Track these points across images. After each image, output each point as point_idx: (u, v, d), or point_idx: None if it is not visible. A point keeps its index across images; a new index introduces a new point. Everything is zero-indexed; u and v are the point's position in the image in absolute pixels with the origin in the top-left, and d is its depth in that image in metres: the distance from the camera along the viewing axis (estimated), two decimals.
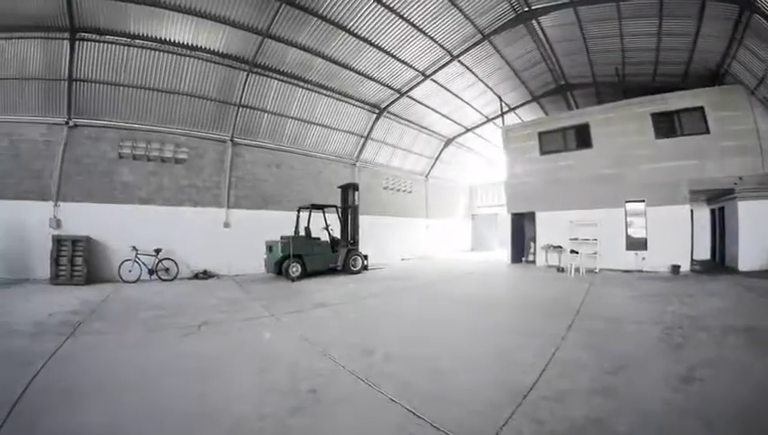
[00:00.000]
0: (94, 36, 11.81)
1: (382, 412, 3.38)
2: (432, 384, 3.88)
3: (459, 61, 14.79)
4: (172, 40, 12.43)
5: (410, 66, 14.89)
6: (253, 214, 14.97)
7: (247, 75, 13.71)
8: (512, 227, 17.71)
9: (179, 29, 12.17)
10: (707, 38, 12.60)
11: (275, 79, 14.29)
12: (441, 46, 14.14)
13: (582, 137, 15.44)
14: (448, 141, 21.62)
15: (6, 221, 11.80)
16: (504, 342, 5.48)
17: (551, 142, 16.27)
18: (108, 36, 11.90)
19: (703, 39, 12.76)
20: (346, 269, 13.89)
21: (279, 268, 12.94)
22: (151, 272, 12.85)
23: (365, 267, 14.63)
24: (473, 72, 15.89)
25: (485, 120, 20.33)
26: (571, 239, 15.15)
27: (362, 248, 14.68)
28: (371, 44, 13.52)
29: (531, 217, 16.86)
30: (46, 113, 12.66)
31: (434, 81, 15.91)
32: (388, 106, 17.00)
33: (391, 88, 16.03)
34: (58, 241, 11.81)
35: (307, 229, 13.67)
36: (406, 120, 18.56)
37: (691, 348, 5.07)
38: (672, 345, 5.23)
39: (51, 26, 11.45)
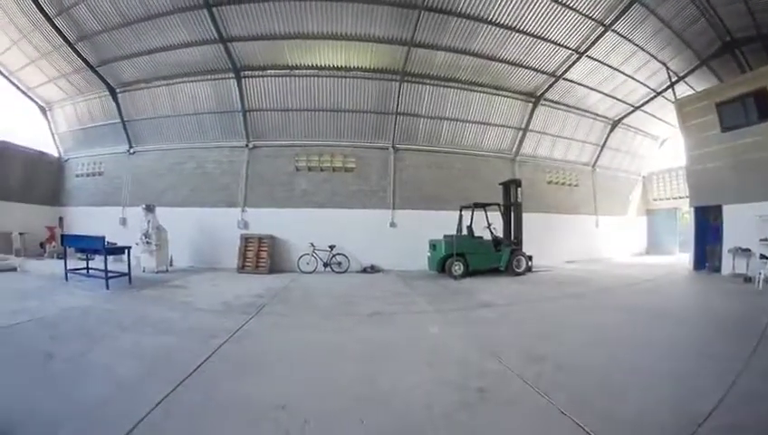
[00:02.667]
0: (257, 73, 14.37)
1: (551, 423, 3.15)
2: (603, 400, 3.51)
3: (613, 30, 13.34)
4: (328, 65, 14.10)
5: (561, 45, 13.97)
6: (416, 214, 15.38)
7: (400, 85, 14.40)
8: (695, 225, 14.87)
9: (332, 54, 13.77)
10: None
11: (427, 84, 14.75)
12: (590, 18, 13.04)
13: (763, 105, 12.48)
14: (614, 124, 19.00)
15: (202, 223, 15.33)
16: (678, 360, 4.79)
17: (731, 115, 13.42)
18: (269, 71, 14.31)
19: None
20: (509, 270, 13.15)
21: (442, 266, 12.97)
22: (326, 265, 14.50)
23: (529, 269, 13.74)
24: (630, 41, 14.22)
25: (653, 93, 17.44)
26: (761, 241, 11.90)
27: (525, 248, 13.80)
28: (516, 30, 13.10)
29: (717, 211, 13.90)
30: (227, 139, 15.82)
31: (590, 57, 14.61)
32: (544, 93, 16.02)
33: (545, 72, 15.16)
34: (245, 238, 14.59)
35: (470, 228, 13.61)
36: (565, 105, 17.12)
37: None
38: None
39: (217, 69, 14.38)
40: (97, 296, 8.74)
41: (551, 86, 15.65)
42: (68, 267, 10.73)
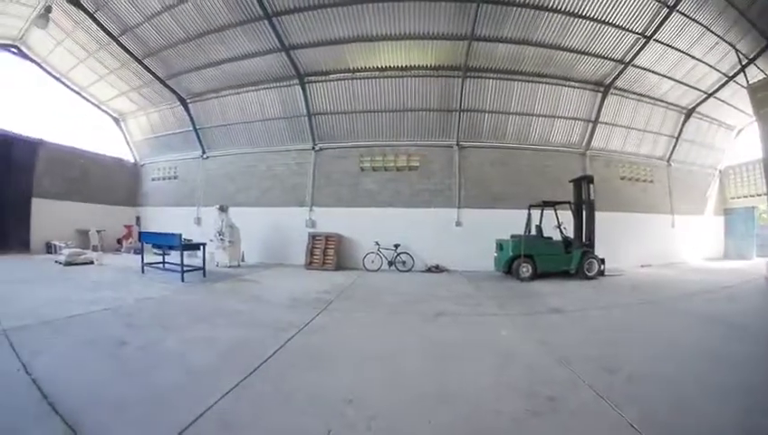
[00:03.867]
0: (321, 78, 14.70)
1: None
2: (674, 416, 3.24)
3: (678, 11, 12.46)
4: (389, 65, 14.15)
5: (626, 30, 13.22)
6: (482, 213, 14.95)
7: (463, 80, 14.16)
8: None
9: (393, 55, 13.78)
10: None
11: (490, 78, 14.42)
12: None
13: None
14: (688, 113, 17.62)
15: (271, 222, 16.17)
16: (760, 378, 4.30)
17: None
18: (332, 75, 14.58)
19: None
20: (580, 273, 12.27)
21: (508, 267, 12.43)
22: (390, 263, 14.44)
23: (601, 273, 12.71)
24: (696, 21, 13.24)
25: (725, 78, 16.15)
26: None
27: (597, 250, 12.82)
28: (578, 16, 12.54)
29: None
30: (294, 142, 16.39)
31: (657, 41, 13.73)
32: (613, 81, 15.09)
33: (612, 60, 14.37)
34: (313, 237, 15.00)
35: (538, 228, 12.91)
36: (636, 93, 16.08)
37: None
38: None
39: (282, 76, 14.91)
40: (172, 288, 9.21)
41: (619, 74, 14.78)
42: (145, 261, 11.51)
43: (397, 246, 14.49)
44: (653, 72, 15.06)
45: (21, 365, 4.02)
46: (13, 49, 16.66)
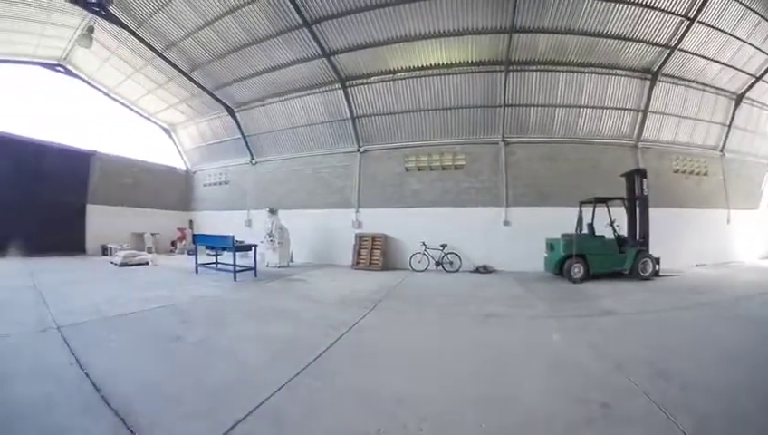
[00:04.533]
0: (362, 81, 14.88)
1: None
2: (730, 428, 3.10)
3: None
4: (430, 64, 14.06)
5: (669, 12, 12.56)
6: (531, 211, 14.47)
7: (506, 75, 13.87)
8: None
9: (433, 53, 13.67)
10: None
11: (533, 71, 14.04)
12: None
13: None
14: (738, 99, 16.41)
15: (319, 224, 16.67)
16: None
17: None
18: (373, 77, 14.67)
19: None
20: (634, 274, 11.63)
21: (559, 268, 11.93)
22: (437, 264, 14.27)
23: (656, 273, 11.96)
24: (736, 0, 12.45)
25: None
26: None
27: (650, 249, 12.19)
28: (619, 1, 12.05)
29: None
30: (339, 145, 16.72)
31: (701, 23, 12.96)
32: (660, 67, 14.31)
33: (657, 44, 13.67)
34: (360, 237, 15.18)
35: (590, 226, 12.28)
36: (684, 79, 15.17)
37: None
38: None
39: (325, 82, 15.21)
40: (225, 287, 9.59)
41: (666, 59, 14.05)
42: (198, 262, 12.14)
43: (444, 246, 14.30)
44: (700, 55, 14.28)
45: (74, 360, 4.23)
46: (59, 68, 17.99)
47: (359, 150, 16.25)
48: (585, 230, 12.21)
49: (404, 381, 3.87)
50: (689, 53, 14.09)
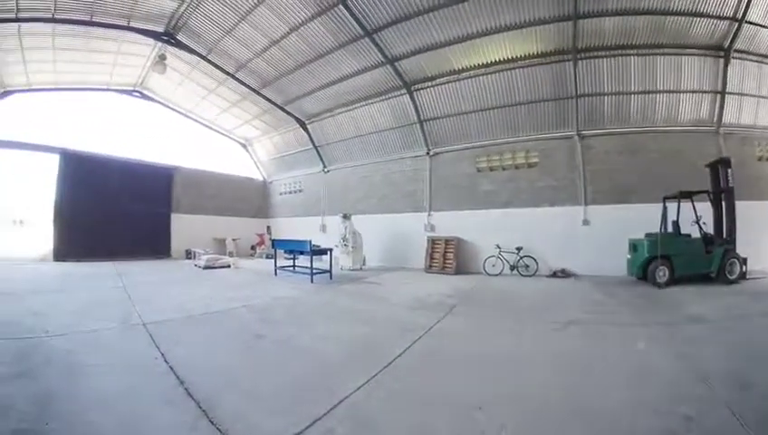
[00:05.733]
0: (427, 84, 14.81)
1: None
2: None
3: None
4: (494, 60, 13.59)
5: None
6: (611, 209, 13.40)
7: (574, 63, 13.07)
8: None
9: (496, 49, 13.22)
10: None
11: (602, 57, 13.09)
12: None
13: None
14: None
15: (391, 228, 16.97)
16: None
17: None
18: (438, 79, 14.54)
19: None
20: (720, 277, 10.37)
21: (643, 271, 10.88)
22: (513, 268, 13.67)
23: (743, 275, 10.68)
24: None
25: None
26: None
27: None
28: None
29: None
30: (408, 150, 16.85)
31: None
32: (731, 43, 12.74)
33: (723, 18, 12.20)
34: (432, 240, 15.02)
35: (675, 224, 11.05)
36: (756, 54, 13.32)
37: None
38: None
39: (390, 88, 15.41)
40: (303, 289, 9.91)
41: (735, 33, 12.48)
42: (277, 265, 12.99)
43: (519, 249, 13.68)
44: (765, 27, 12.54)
45: (160, 354, 4.48)
46: (135, 93, 19.53)
47: (428, 154, 16.20)
48: (671, 229, 11.06)
49: (482, 386, 3.78)
50: (757, 24, 12.47)
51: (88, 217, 16.49)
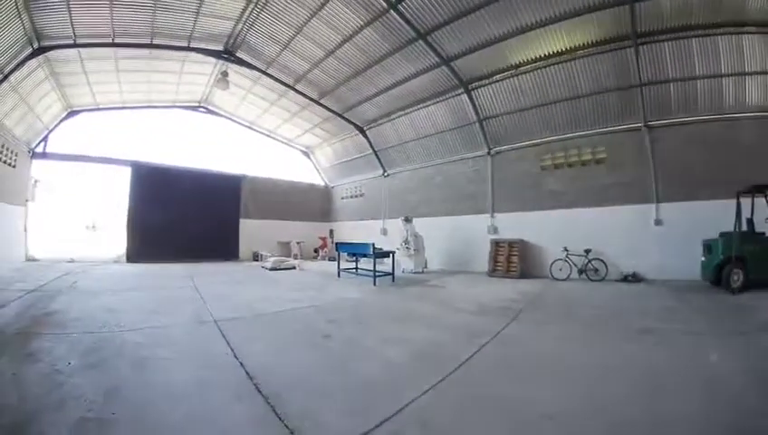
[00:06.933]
0: (484, 81, 14.43)
1: None
2: None
3: None
4: (551, 52, 12.95)
5: None
6: (686, 207, 12.15)
7: (635, 49, 12.08)
8: None
9: (553, 40, 12.57)
10: None
11: (664, 40, 11.93)
12: None
13: None
14: None
15: (452, 230, 16.67)
16: None
17: None
18: (495, 76, 14.10)
19: None
20: None
21: (717, 275, 9.91)
22: (581, 271, 12.92)
23: None
24: None
25: None
26: None
27: None
28: None
29: None
30: (468, 150, 16.60)
31: None
32: None
33: None
34: (496, 243, 14.61)
35: (750, 222, 10.02)
36: None
37: None
38: None
39: (447, 88, 15.23)
40: (366, 291, 10.09)
41: None
42: (340, 267, 13.31)
43: (587, 251, 12.87)
44: None
45: (230, 350, 4.67)
46: (201, 109, 20.94)
47: (489, 153, 15.80)
48: (745, 227, 9.97)
49: (551, 396, 3.62)
50: None
51: (159, 222, 17.85)
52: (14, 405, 3.13)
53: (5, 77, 11.53)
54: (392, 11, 11.76)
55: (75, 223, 37.17)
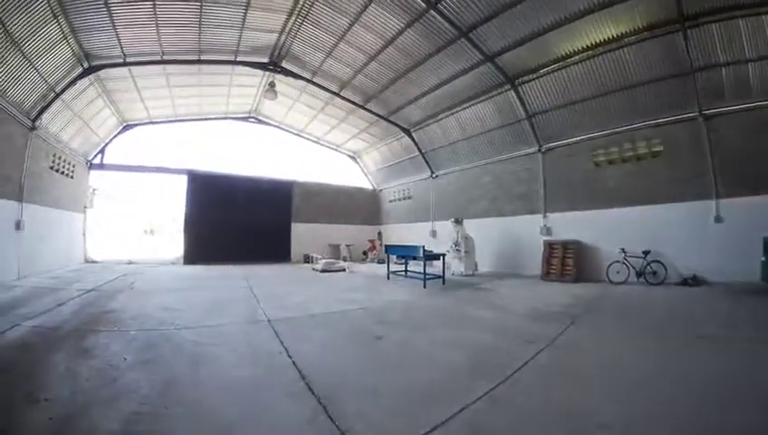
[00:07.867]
0: (531, 76, 13.91)
1: None
2: None
3: None
4: (598, 41, 12.24)
5: None
6: (747, 202, 11.09)
7: (684, 33, 11.13)
8: None
9: (599, 29, 11.87)
10: None
11: (711, 22, 10.86)
12: None
13: None
14: None
15: (503, 231, 16.21)
16: None
17: None
18: (542, 70, 13.53)
19: None
20: None
21: None
22: (639, 274, 12.19)
23: None
24: None
25: None
26: None
27: None
28: None
29: None
30: (518, 148, 16.10)
31: None
32: None
33: None
34: (549, 245, 13.99)
35: None
36: None
37: None
38: None
39: (493, 85, 14.86)
40: (416, 293, 10.03)
41: None
42: (389, 269, 13.44)
43: (646, 253, 12.08)
44: None
45: (283, 349, 4.75)
46: (251, 119, 22.00)
47: (539, 150, 15.18)
48: None
49: (609, 405, 3.46)
50: None
51: (214, 225, 19.37)
52: (67, 398, 3.28)
53: (57, 95, 12.26)
54: (432, 11, 11.64)
55: (134, 228, 39.67)
